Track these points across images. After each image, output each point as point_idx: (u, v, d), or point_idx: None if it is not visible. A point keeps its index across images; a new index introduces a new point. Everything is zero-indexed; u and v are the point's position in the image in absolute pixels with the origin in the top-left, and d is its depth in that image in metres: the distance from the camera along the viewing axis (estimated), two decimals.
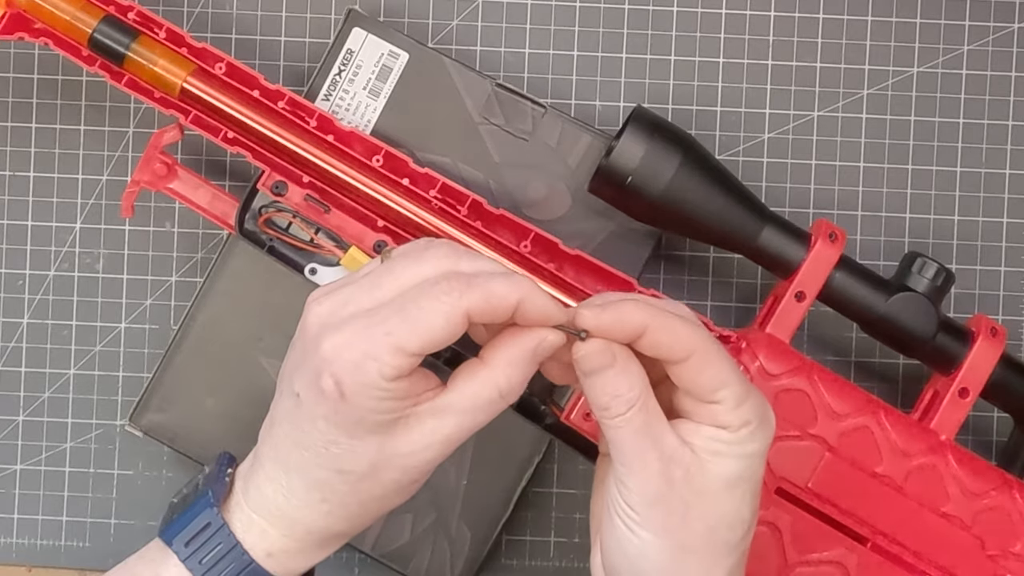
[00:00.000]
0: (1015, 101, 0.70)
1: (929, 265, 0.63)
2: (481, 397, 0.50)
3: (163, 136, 0.65)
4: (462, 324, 0.48)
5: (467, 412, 0.50)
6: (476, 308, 0.48)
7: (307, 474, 0.51)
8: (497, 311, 0.48)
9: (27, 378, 0.70)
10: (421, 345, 0.48)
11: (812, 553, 0.60)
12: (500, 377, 0.50)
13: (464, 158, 0.67)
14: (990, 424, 0.70)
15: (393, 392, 0.49)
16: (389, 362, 0.48)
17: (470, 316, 0.48)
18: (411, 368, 0.49)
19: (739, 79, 0.70)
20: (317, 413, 0.50)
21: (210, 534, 0.52)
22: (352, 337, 0.49)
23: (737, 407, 0.50)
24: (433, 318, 0.48)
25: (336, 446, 0.50)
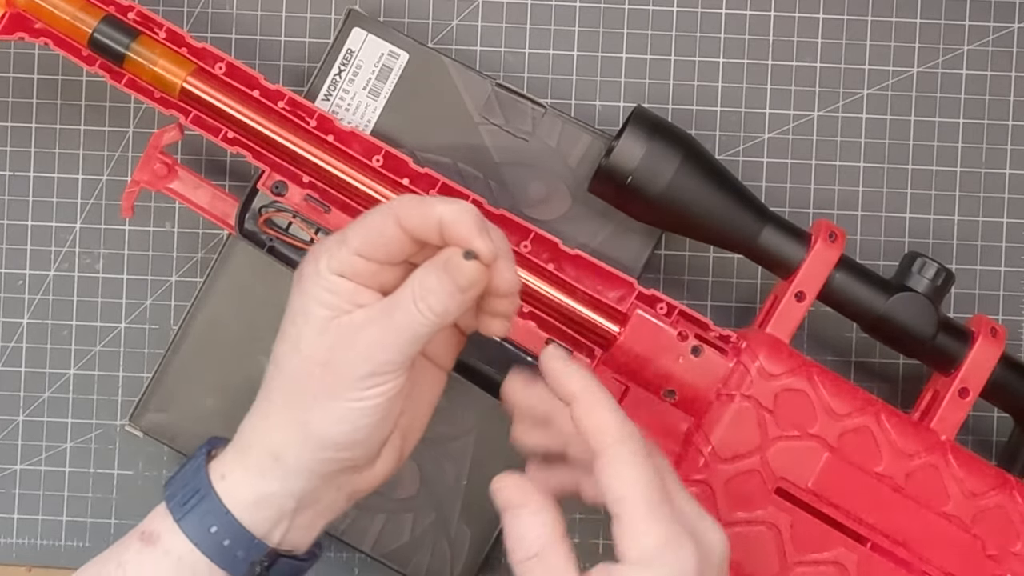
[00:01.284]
0: (1015, 101, 0.70)
1: (929, 265, 0.63)
2: (397, 296, 0.52)
3: (163, 136, 0.65)
4: (393, 227, 0.51)
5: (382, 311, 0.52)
6: (404, 213, 0.51)
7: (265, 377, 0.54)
8: (425, 220, 0.51)
9: (27, 378, 0.70)
10: (358, 240, 0.52)
11: (812, 553, 0.60)
12: (415, 281, 0.51)
13: (464, 158, 0.67)
14: (990, 424, 0.70)
15: (333, 285, 0.52)
16: (334, 253, 0.52)
17: (401, 221, 0.51)
18: (355, 270, 0.52)
19: (739, 79, 0.70)
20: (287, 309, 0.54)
21: (190, 470, 0.55)
22: (322, 241, 0.54)
23: (633, 536, 0.49)
24: (372, 216, 0.52)
25: (283, 335, 0.54)
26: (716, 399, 0.60)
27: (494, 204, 0.63)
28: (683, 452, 0.60)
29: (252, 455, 0.54)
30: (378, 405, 0.52)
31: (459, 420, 0.66)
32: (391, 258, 0.52)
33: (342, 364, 0.52)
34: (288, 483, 0.54)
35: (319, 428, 0.53)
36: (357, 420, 0.52)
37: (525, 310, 0.62)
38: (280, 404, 0.54)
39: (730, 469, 0.60)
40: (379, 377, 0.52)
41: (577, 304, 0.62)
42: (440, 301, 0.51)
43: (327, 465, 0.53)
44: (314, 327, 0.52)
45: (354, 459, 0.54)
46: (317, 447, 0.53)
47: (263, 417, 0.54)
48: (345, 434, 0.53)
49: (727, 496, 0.59)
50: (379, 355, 0.52)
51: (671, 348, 0.61)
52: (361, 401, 0.52)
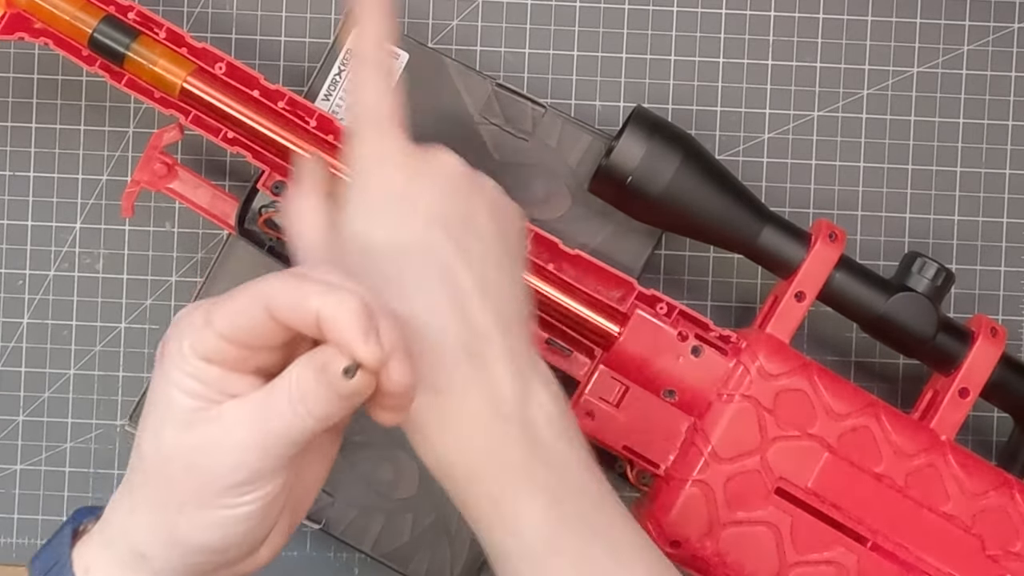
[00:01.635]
0: (1015, 101, 0.70)
1: (929, 265, 0.63)
2: (271, 397, 0.45)
3: (163, 136, 0.65)
4: (261, 315, 0.45)
5: (255, 411, 0.46)
6: (276, 304, 0.44)
7: (129, 467, 0.49)
8: (298, 313, 0.44)
9: (27, 378, 0.70)
10: (226, 324, 0.45)
11: (812, 553, 0.60)
12: (292, 380, 0.45)
13: (464, 158, 0.67)
14: (990, 424, 0.70)
15: (199, 372, 0.45)
16: (198, 334, 0.45)
17: (272, 310, 0.44)
18: (224, 355, 0.45)
19: (739, 79, 0.70)
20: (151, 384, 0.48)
21: (54, 550, 0.50)
22: (186, 311, 0.47)
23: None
24: (240, 298, 0.45)
25: (143, 422, 0.48)
26: (716, 399, 0.60)
27: None
28: (683, 452, 0.60)
29: (117, 550, 0.48)
30: (253, 512, 0.46)
31: None
32: (265, 344, 0.46)
33: (210, 470, 0.46)
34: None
35: (187, 534, 0.47)
36: (230, 527, 0.47)
37: None
38: (143, 501, 0.48)
39: (730, 469, 0.60)
40: (253, 484, 0.46)
41: (577, 304, 0.62)
42: (320, 406, 0.45)
43: (199, 568, 0.48)
44: (176, 420, 0.46)
45: (229, 560, 0.48)
46: (187, 552, 0.47)
47: (128, 512, 0.48)
48: (216, 541, 0.47)
49: (727, 496, 0.59)
50: (253, 463, 0.45)
51: (671, 348, 0.61)
52: (234, 508, 0.46)
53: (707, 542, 0.59)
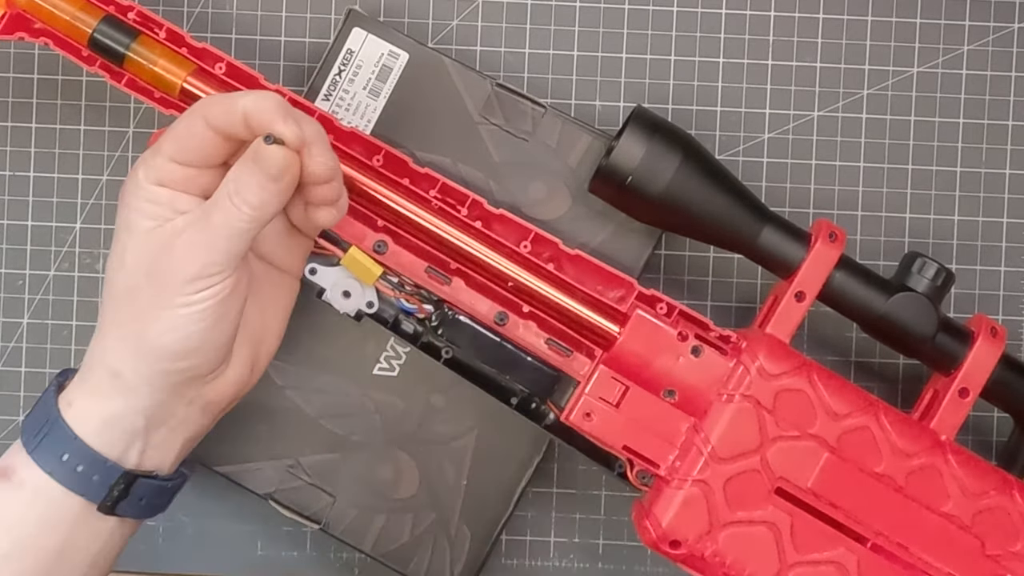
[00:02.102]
0: (1015, 101, 0.70)
1: (929, 265, 0.63)
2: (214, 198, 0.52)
3: None
4: (201, 127, 0.52)
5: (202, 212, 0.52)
6: (210, 112, 0.52)
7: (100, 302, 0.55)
8: (230, 116, 0.52)
9: (27, 378, 0.70)
10: (172, 147, 0.53)
11: (812, 553, 0.60)
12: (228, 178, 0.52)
13: (464, 158, 0.67)
14: (990, 424, 0.70)
15: (151, 194, 0.53)
16: (150, 163, 0.53)
17: (208, 120, 0.52)
18: (173, 177, 0.53)
19: (739, 79, 0.70)
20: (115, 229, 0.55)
21: (41, 402, 0.55)
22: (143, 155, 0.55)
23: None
24: (181, 120, 0.53)
25: (111, 255, 0.54)
26: (716, 399, 0.60)
27: (494, 204, 0.63)
28: (683, 452, 0.60)
29: (93, 377, 0.54)
30: (208, 308, 0.52)
31: (459, 420, 0.66)
32: (206, 160, 0.53)
33: (166, 271, 0.52)
34: (131, 400, 0.53)
35: (151, 338, 0.53)
36: (188, 326, 0.52)
37: (525, 310, 0.62)
38: (111, 320, 0.54)
39: (730, 469, 0.60)
40: (205, 280, 0.52)
41: (577, 304, 0.62)
42: (254, 193, 0.51)
43: (167, 377, 0.53)
44: (137, 239, 0.53)
45: (194, 367, 0.54)
46: (153, 359, 0.53)
47: (100, 337, 0.54)
48: (179, 341, 0.53)
49: (727, 496, 0.59)
50: (201, 256, 0.52)
51: (671, 348, 0.61)
52: (190, 306, 0.52)
53: (707, 542, 0.59)
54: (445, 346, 0.64)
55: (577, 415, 0.61)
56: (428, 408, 0.67)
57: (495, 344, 0.64)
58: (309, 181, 0.53)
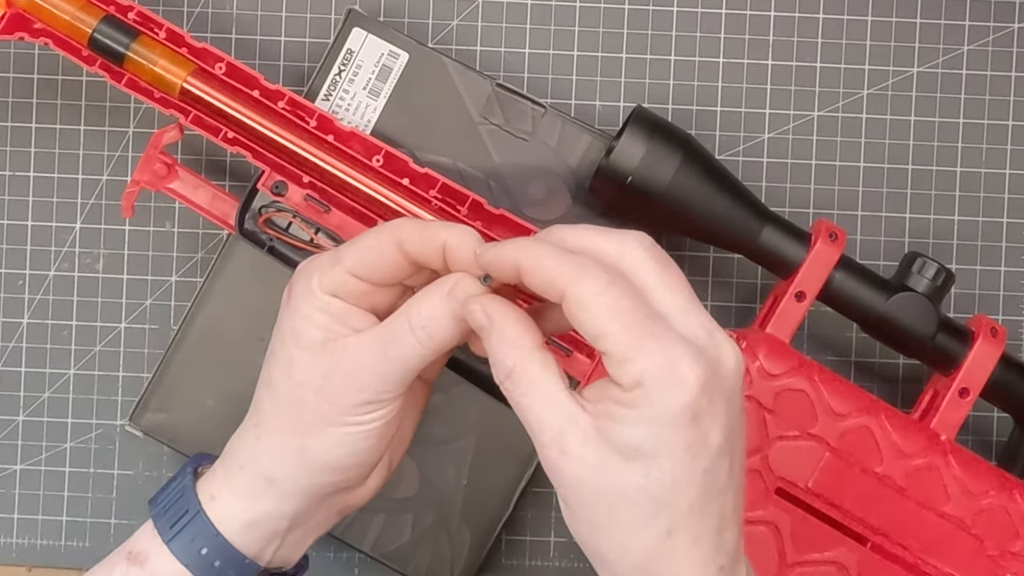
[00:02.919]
0: (1015, 101, 0.70)
1: (929, 265, 0.63)
2: (392, 326, 0.50)
3: (163, 136, 0.65)
4: (392, 249, 0.50)
5: (378, 340, 0.50)
6: (406, 237, 0.50)
7: (255, 397, 0.54)
8: (426, 244, 0.49)
9: (27, 378, 0.70)
10: (353, 259, 0.51)
11: (812, 553, 0.60)
12: (412, 309, 0.50)
13: (464, 158, 0.67)
14: (990, 424, 0.70)
15: (326, 306, 0.51)
16: (327, 271, 0.51)
17: (402, 244, 0.50)
18: (348, 289, 0.51)
19: (739, 79, 0.70)
20: (277, 328, 0.53)
21: (177, 487, 0.54)
22: (311, 258, 0.53)
23: (621, 363, 0.44)
24: (370, 237, 0.51)
25: (272, 356, 0.53)
26: None
27: (494, 204, 0.63)
28: None
29: (244, 477, 0.53)
30: (375, 429, 0.52)
31: (459, 420, 0.66)
32: (387, 279, 0.51)
33: (339, 391, 0.51)
34: (282, 505, 0.53)
35: (316, 452, 0.52)
36: (354, 444, 0.52)
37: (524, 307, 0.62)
38: (273, 427, 0.53)
39: None
40: (376, 404, 0.51)
41: None
42: (442, 330, 0.50)
43: (323, 488, 0.53)
44: (308, 350, 0.51)
45: (349, 480, 0.53)
46: (314, 471, 0.52)
47: (255, 439, 0.53)
48: (342, 458, 0.52)
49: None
50: (376, 384, 0.51)
51: None
52: (359, 427, 0.51)
53: None
54: None
55: None
56: (428, 408, 0.66)
57: None
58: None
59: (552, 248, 0.47)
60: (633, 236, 0.47)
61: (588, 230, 0.48)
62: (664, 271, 0.47)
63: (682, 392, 0.44)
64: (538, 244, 0.47)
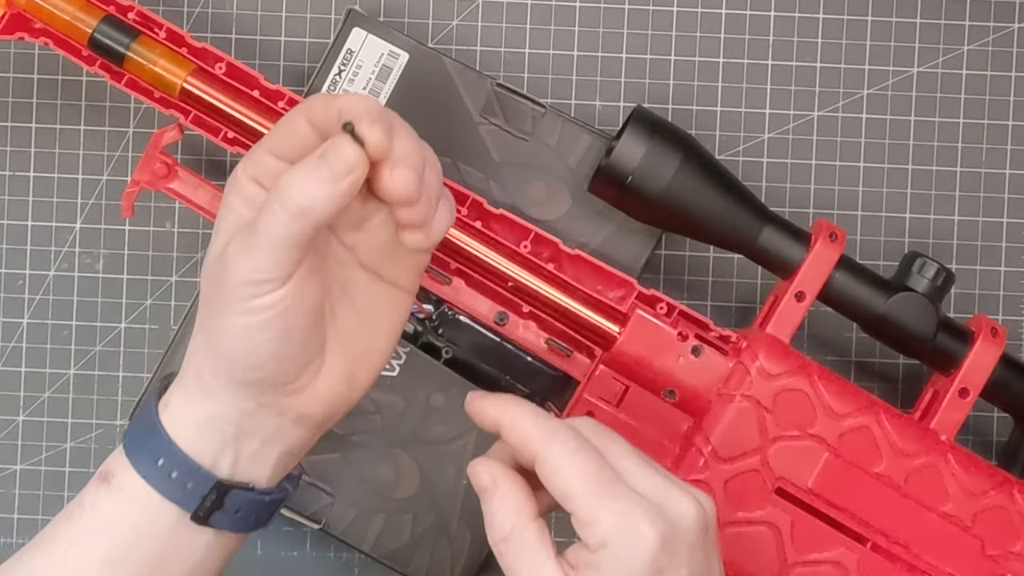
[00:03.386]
0: (1015, 101, 0.70)
1: (929, 265, 0.63)
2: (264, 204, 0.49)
3: (163, 136, 0.65)
4: (301, 121, 0.50)
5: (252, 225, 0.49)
6: (312, 107, 0.50)
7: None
8: (328, 112, 0.49)
9: (27, 378, 0.70)
10: (270, 138, 0.51)
11: (812, 553, 0.60)
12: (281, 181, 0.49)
13: (464, 158, 0.67)
14: (990, 424, 0.70)
15: (245, 191, 0.51)
16: (251, 157, 0.51)
17: (309, 116, 0.50)
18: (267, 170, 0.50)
19: (739, 79, 0.70)
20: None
21: (143, 407, 0.54)
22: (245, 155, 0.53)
23: (586, 525, 0.48)
24: (286, 116, 0.51)
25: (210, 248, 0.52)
26: (716, 399, 0.60)
27: (494, 204, 0.63)
28: (683, 452, 0.60)
29: (184, 377, 0.53)
30: (269, 319, 0.49)
31: (459, 420, 0.66)
32: (299, 157, 0.49)
33: (226, 272, 0.50)
34: (216, 405, 0.52)
35: (219, 344, 0.51)
36: (252, 336, 0.50)
37: (525, 310, 0.62)
38: (198, 325, 0.53)
39: (730, 469, 0.60)
40: (255, 287, 0.49)
41: (577, 304, 0.62)
42: (304, 193, 0.48)
43: (244, 386, 0.51)
44: (222, 237, 0.51)
45: (271, 377, 0.51)
46: (226, 365, 0.51)
47: (192, 343, 0.53)
48: (246, 351, 0.50)
49: (727, 496, 0.59)
50: (247, 263, 0.49)
51: (671, 348, 0.61)
52: (248, 315, 0.49)
53: None
54: (445, 346, 0.64)
55: (577, 415, 0.61)
56: (428, 408, 0.67)
57: (495, 344, 0.64)
58: (384, 197, 0.49)
59: (531, 411, 0.50)
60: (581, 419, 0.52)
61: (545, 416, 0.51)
62: (609, 444, 0.51)
63: (643, 550, 0.48)
64: (518, 405, 0.51)
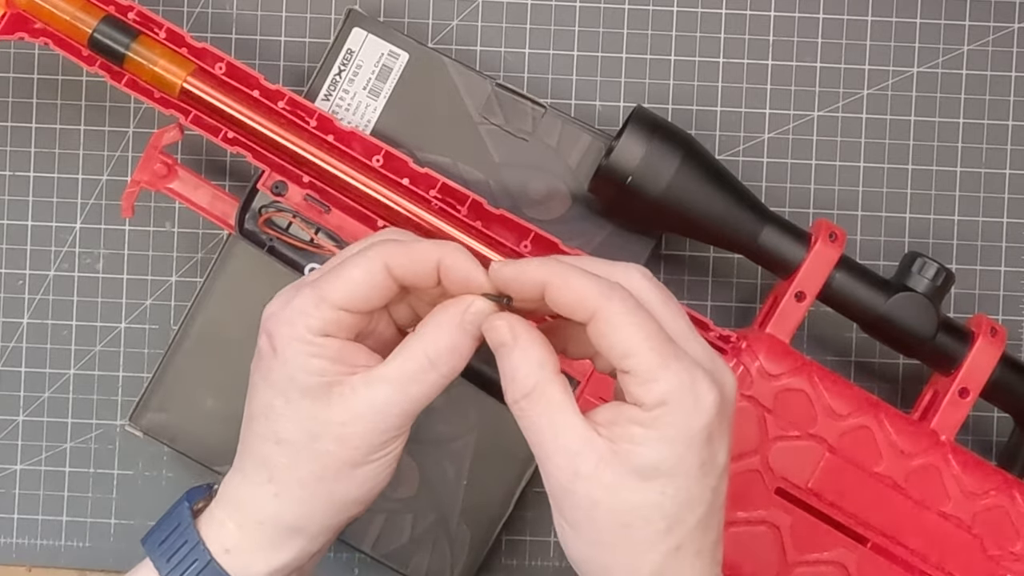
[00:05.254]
0: (1015, 101, 0.70)
1: (929, 265, 0.63)
2: (409, 364, 0.49)
3: (163, 136, 0.65)
4: (382, 276, 0.49)
5: (396, 381, 0.49)
6: (396, 262, 0.49)
7: (254, 452, 0.51)
8: (418, 267, 0.48)
9: (27, 378, 0.70)
10: (343, 295, 0.49)
11: (812, 553, 0.60)
12: (428, 344, 0.49)
13: (464, 158, 0.67)
14: (990, 424, 0.70)
15: (322, 349, 0.49)
16: (314, 313, 0.49)
17: (391, 270, 0.49)
18: (340, 326, 0.49)
19: (739, 79, 0.70)
20: (257, 379, 0.51)
21: (179, 533, 0.52)
22: (286, 297, 0.50)
23: (646, 382, 0.46)
24: (353, 269, 0.49)
25: (272, 411, 0.50)
26: None
27: (494, 204, 0.63)
28: None
29: (265, 532, 0.51)
30: (394, 458, 0.51)
31: (459, 420, 0.66)
32: (378, 307, 0.50)
33: (361, 436, 0.50)
34: (308, 548, 0.52)
35: (344, 495, 0.51)
36: (379, 476, 0.51)
37: None
38: (294, 482, 0.51)
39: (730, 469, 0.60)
40: (395, 439, 0.51)
41: None
42: (463, 359, 0.49)
43: (348, 521, 0.53)
44: (314, 400, 0.49)
45: (369, 505, 0.53)
46: (341, 510, 0.52)
47: (273, 496, 0.51)
48: (370, 492, 0.52)
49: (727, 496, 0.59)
50: (399, 422, 0.50)
51: None
52: (382, 460, 0.51)
53: None
54: None
55: None
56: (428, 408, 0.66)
57: None
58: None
59: (579, 269, 0.47)
60: (635, 267, 0.49)
61: (592, 260, 0.49)
62: (668, 300, 0.49)
63: (703, 413, 0.46)
64: (564, 264, 0.47)
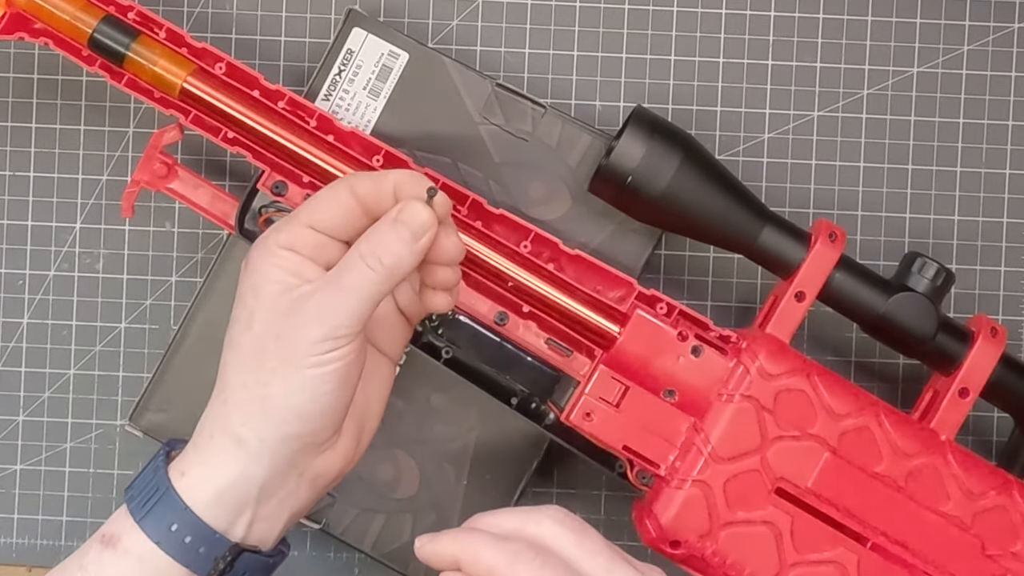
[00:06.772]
0: (1015, 101, 0.70)
1: (929, 265, 0.63)
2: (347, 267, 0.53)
3: (163, 136, 0.65)
4: (346, 195, 0.53)
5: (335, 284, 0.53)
6: (359, 183, 0.53)
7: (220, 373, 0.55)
8: (379, 187, 0.53)
9: (27, 378, 0.70)
10: (309, 212, 0.54)
11: (812, 553, 0.60)
12: (362, 245, 0.53)
13: (464, 158, 0.67)
14: (990, 424, 0.70)
15: (283, 260, 0.53)
16: (283, 229, 0.54)
17: (354, 191, 0.53)
18: (304, 241, 0.53)
19: (739, 79, 0.70)
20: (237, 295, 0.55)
21: (150, 470, 0.55)
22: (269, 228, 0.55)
23: None
24: (323, 191, 0.54)
25: (235, 323, 0.54)
26: (716, 399, 0.60)
27: (494, 204, 0.63)
28: (683, 452, 0.60)
29: (213, 445, 0.54)
30: (336, 370, 0.52)
31: (459, 420, 0.66)
32: (340, 230, 0.54)
33: (296, 333, 0.52)
34: (250, 468, 0.53)
35: (278, 399, 0.53)
36: (316, 387, 0.53)
37: (525, 310, 0.62)
38: (238, 384, 0.54)
39: (730, 469, 0.60)
40: (333, 341, 0.52)
41: (577, 304, 0.62)
42: (391, 252, 0.52)
43: (289, 443, 0.53)
44: (266, 302, 0.53)
45: (314, 433, 0.54)
46: (279, 421, 0.53)
47: (222, 403, 0.54)
48: (306, 403, 0.53)
49: (727, 496, 0.59)
50: (331, 319, 0.52)
51: (671, 348, 0.61)
52: (318, 367, 0.52)
53: (707, 542, 0.59)
54: (445, 346, 0.64)
55: (577, 415, 0.61)
56: (428, 408, 0.67)
57: (495, 344, 0.64)
58: (437, 259, 0.54)
59: (486, 537, 0.50)
60: (547, 513, 0.51)
61: (506, 514, 0.51)
62: (583, 539, 0.50)
63: None
64: (472, 536, 0.50)
